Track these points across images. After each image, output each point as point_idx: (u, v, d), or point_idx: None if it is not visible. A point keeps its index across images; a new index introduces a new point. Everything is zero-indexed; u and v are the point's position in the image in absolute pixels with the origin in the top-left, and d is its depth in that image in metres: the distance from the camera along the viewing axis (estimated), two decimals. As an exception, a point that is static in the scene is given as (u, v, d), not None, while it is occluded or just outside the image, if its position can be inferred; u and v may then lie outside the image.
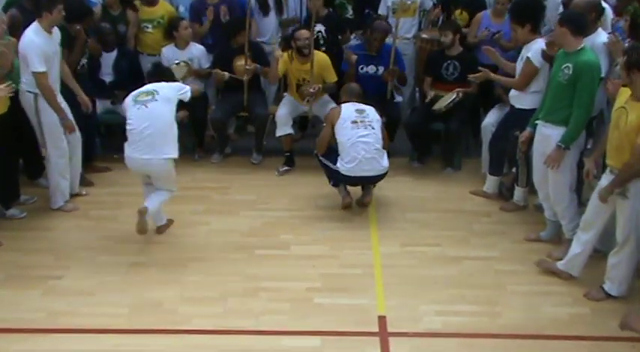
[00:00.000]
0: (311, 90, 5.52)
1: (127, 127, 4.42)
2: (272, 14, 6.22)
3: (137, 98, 4.44)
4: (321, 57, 5.63)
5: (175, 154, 4.44)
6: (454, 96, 5.48)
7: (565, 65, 4.08)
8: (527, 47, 4.69)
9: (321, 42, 6.00)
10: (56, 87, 4.79)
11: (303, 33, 5.53)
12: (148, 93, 4.45)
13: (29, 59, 4.54)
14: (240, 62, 5.68)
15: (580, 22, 4.05)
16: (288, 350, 3.49)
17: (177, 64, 5.74)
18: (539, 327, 3.70)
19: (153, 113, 4.35)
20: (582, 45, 4.04)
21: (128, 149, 4.44)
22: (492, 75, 4.95)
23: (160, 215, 4.69)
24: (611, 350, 3.53)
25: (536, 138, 4.36)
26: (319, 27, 5.99)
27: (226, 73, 5.72)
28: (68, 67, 5.04)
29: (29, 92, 4.68)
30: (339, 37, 6.14)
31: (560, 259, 4.17)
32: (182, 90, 4.55)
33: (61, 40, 4.84)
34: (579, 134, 4.11)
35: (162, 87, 4.50)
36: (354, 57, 5.74)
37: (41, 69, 4.56)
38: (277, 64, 5.57)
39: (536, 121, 4.35)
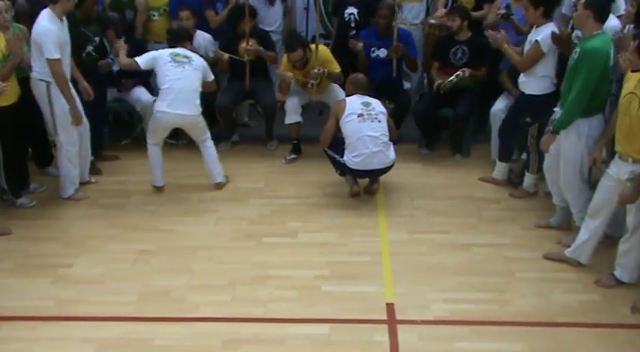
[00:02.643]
0: (315, 70, 5.39)
1: (164, 83, 4.86)
2: (278, 3, 6.18)
3: (175, 57, 4.92)
4: (320, 51, 5.48)
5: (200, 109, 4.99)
6: (459, 73, 5.41)
7: (575, 49, 4.04)
8: (536, 31, 4.62)
9: (353, 25, 5.95)
10: (68, 75, 4.78)
11: (297, 55, 5.36)
12: (185, 56, 4.96)
13: (44, 46, 4.52)
14: (243, 44, 5.64)
15: (605, 8, 3.98)
16: (296, 338, 3.48)
17: None
18: (549, 315, 3.67)
19: (187, 74, 4.87)
20: (599, 31, 3.96)
21: (161, 104, 4.86)
22: (506, 45, 4.84)
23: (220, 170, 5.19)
24: (623, 338, 3.49)
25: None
26: (351, 10, 5.98)
27: (226, 54, 5.68)
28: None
29: (42, 80, 4.67)
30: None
31: (570, 246, 4.13)
32: (208, 69, 5.11)
33: (70, 30, 4.82)
34: (570, 121, 4.01)
35: (196, 58, 5.03)
36: (360, 44, 5.69)
37: (56, 56, 4.54)
38: (285, 83, 5.61)
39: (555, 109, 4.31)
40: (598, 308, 3.74)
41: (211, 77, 5.13)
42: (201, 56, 5.79)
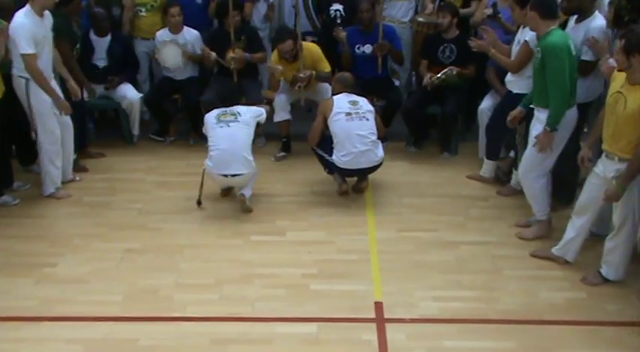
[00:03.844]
0: (301, 75, 5.40)
1: (210, 145, 4.73)
2: (261, 1, 6.16)
3: (221, 117, 4.76)
4: (310, 48, 5.51)
5: (255, 169, 4.79)
6: (446, 70, 5.42)
7: (536, 49, 4.13)
8: (523, 30, 4.63)
9: (339, 22, 5.94)
10: (49, 72, 4.73)
11: (287, 45, 5.36)
12: (232, 114, 4.78)
13: (18, 42, 4.47)
14: (230, 53, 5.61)
15: (548, 6, 4.04)
16: (284, 337, 3.47)
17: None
18: (536, 312, 3.69)
19: (234, 133, 4.67)
20: (552, 27, 4.02)
21: (210, 164, 4.70)
22: (492, 50, 4.88)
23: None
24: (608, 335, 3.52)
25: (532, 121, 4.33)
26: (336, 6, 5.98)
27: (213, 54, 5.65)
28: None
29: (20, 77, 4.61)
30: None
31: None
32: (259, 114, 4.92)
33: (54, 27, 4.76)
34: (562, 115, 4.07)
35: (244, 111, 4.83)
36: (343, 33, 5.68)
37: (29, 51, 4.48)
38: (275, 77, 5.57)
39: (530, 105, 4.34)
40: (584, 305, 3.76)
41: (264, 119, 4.98)
42: (189, 52, 5.82)
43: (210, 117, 4.80)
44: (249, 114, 4.82)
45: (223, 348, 3.38)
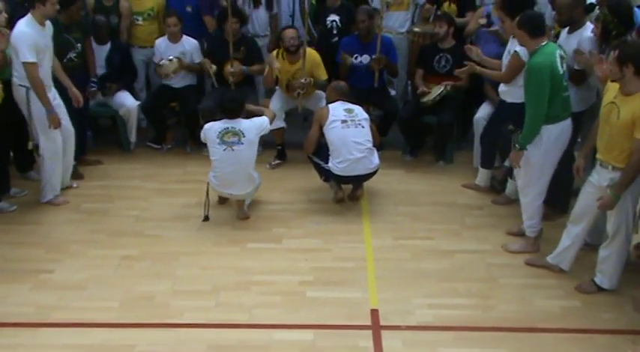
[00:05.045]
0: (302, 80, 5.46)
1: (213, 163, 4.67)
2: (263, 10, 6.19)
3: (223, 138, 4.58)
4: (312, 54, 5.57)
5: (259, 180, 4.84)
6: (442, 89, 5.48)
7: (526, 66, 4.16)
8: (514, 41, 4.68)
9: (335, 32, 5.99)
10: (49, 81, 4.75)
11: (289, 32, 5.49)
12: (234, 133, 4.60)
13: (19, 50, 4.50)
14: (227, 67, 5.65)
15: (535, 24, 4.06)
16: (281, 344, 3.48)
17: (169, 60, 5.75)
18: (531, 320, 3.71)
19: (239, 157, 4.59)
20: (541, 44, 4.03)
21: (215, 181, 4.71)
22: (478, 68, 4.95)
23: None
24: (603, 343, 3.54)
25: None
26: (333, 17, 6.04)
27: (214, 66, 5.70)
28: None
29: (21, 85, 4.63)
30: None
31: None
32: (263, 127, 4.77)
33: (53, 35, 4.79)
34: (533, 135, 4.08)
35: (248, 128, 4.65)
36: (350, 59, 5.72)
37: (31, 59, 4.51)
38: (272, 71, 5.54)
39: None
40: (579, 313, 3.79)
41: (268, 130, 4.82)
42: (186, 62, 5.86)
43: (212, 132, 4.62)
44: (253, 132, 4.65)
45: (220, 355, 3.39)
